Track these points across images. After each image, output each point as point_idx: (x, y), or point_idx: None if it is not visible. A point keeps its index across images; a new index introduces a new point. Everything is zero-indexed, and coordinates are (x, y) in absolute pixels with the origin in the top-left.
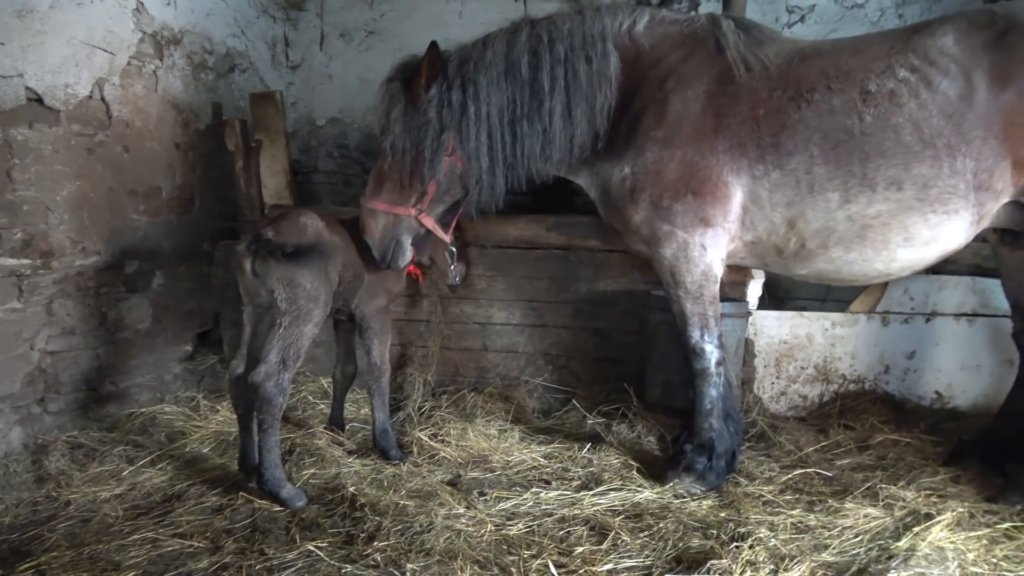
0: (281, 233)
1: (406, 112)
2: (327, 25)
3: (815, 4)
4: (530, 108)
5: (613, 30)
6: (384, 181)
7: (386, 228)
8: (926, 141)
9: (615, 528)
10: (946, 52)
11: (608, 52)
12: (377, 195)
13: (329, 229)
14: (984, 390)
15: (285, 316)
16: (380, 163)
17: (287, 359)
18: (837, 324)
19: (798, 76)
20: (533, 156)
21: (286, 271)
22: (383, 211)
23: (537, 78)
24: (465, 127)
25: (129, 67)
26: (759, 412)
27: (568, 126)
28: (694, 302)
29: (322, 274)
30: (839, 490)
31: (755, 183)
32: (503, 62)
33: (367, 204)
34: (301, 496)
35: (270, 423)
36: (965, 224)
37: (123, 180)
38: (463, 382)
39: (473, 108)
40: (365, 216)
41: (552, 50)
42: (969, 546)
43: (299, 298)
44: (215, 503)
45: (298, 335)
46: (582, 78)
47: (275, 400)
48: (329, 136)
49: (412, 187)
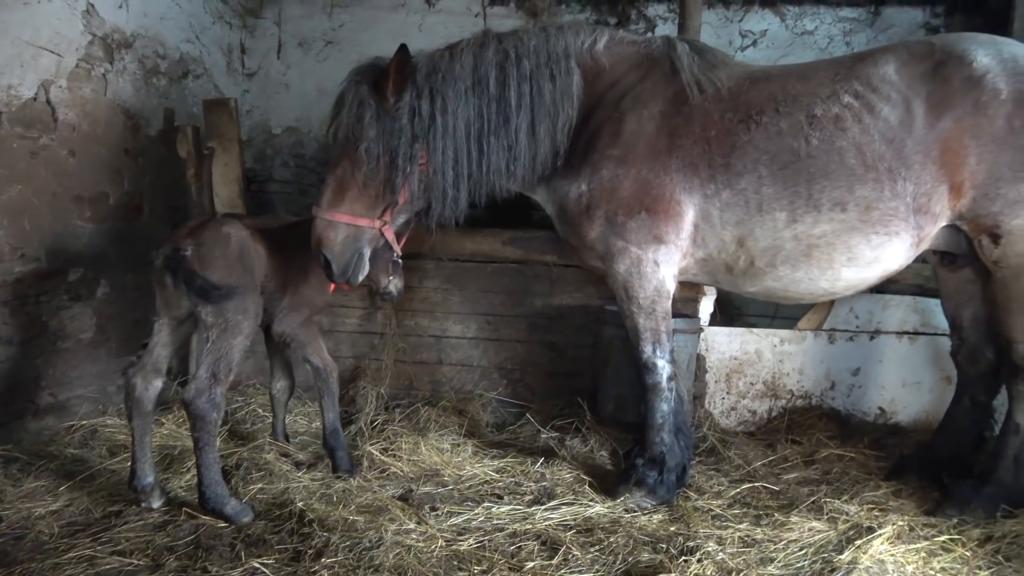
0: (202, 245)
1: (379, 116)
2: (285, 34)
3: (767, 29)
4: (496, 124)
5: (576, 48)
6: (346, 190)
7: (347, 241)
8: (869, 164)
9: (566, 543)
10: (888, 80)
11: (572, 70)
12: (338, 205)
13: (253, 238)
14: (924, 406)
15: (212, 330)
16: (340, 171)
17: (218, 373)
18: (785, 341)
19: (748, 99)
20: (498, 172)
21: (211, 284)
22: (345, 223)
23: (504, 94)
24: (433, 138)
25: (77, 70)
26: (710, 427)
27: (532, 144)
28: (647, 317)
29: (251, 282)
30: (786, 504)
31: (706, 202)
32: (471, 76)
33: (326, 215)
34: (247, 511)
35: (206, 440)
36: (905, 245)
37: (68, 185)
38: (417, 395)
39: (441, 120)
40: (323, 228)
41: (519, 66)
42: (908, 558)
43: (226, 311)
44: (157, 519)
45: (228, 348)
46: (546, 95)
47: (208, 416)
48: (285, 145)
49: (381, 197)
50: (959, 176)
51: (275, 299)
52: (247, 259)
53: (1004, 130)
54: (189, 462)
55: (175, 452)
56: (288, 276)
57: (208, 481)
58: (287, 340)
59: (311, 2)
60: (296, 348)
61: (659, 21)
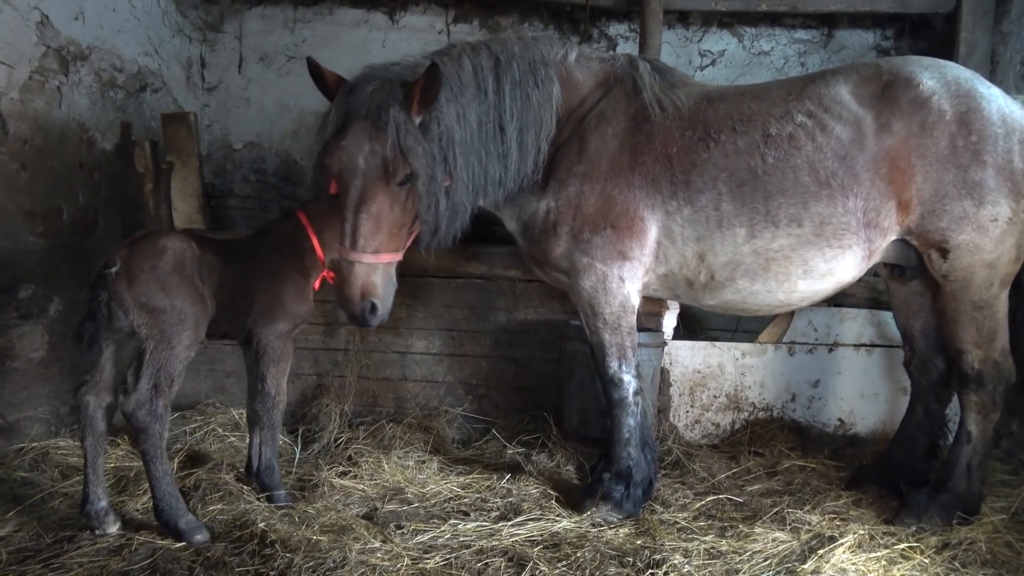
0: (132, 259)
1: (423, 144)
2: (246, 48)
3: (725, 49)
4: (493, 132)
5: (552, 58)
6: (383, 227)
7: (386, 281)
8: (822, 181)
9: (533, 559)
10: (839, 100)
11: (552, 78)
12: (379, 246)
13: (201, 248)
14: (882, 417)
15: (149, 341)
16: (375, 207)
17: (159, 385)
18: (747, 354)
19: (706, 118)
20: (494, 184)
21: (141, 297)
22: (386, 263)
23: (500, 102)
24: (454, 154)
25: (31, 82)
26: (674, 440)
27: (520, 154)
28: (612, 333)
29: (188, 295)
30: (749, 515)
31: (668, 218)
32: (473, 83)
33: (368, 259)
34: (201, 529)
35: (152, 452)
36: (857, 259)
37: (18, 200)
38: (381, 412)
39: (459, 133)
40: (366, 275)
41: (509, 71)
42: (869, 567)
43: (161, 323)
44: (112, 544)
45: (167, 359)
46: (533, 102)
47: (151, 428)
48: (246, 160)
49: (411, 227)
50: (906, 193)
51: (238, 307)
52: (186, 271)
53: (948, 149)
54: (144, 484)
55: (131, 474)
56: (256, 284)
57: (160, 493)
58: (261, 350)
59: (273, 17)
60: (264, 362)
61: (620, 40)
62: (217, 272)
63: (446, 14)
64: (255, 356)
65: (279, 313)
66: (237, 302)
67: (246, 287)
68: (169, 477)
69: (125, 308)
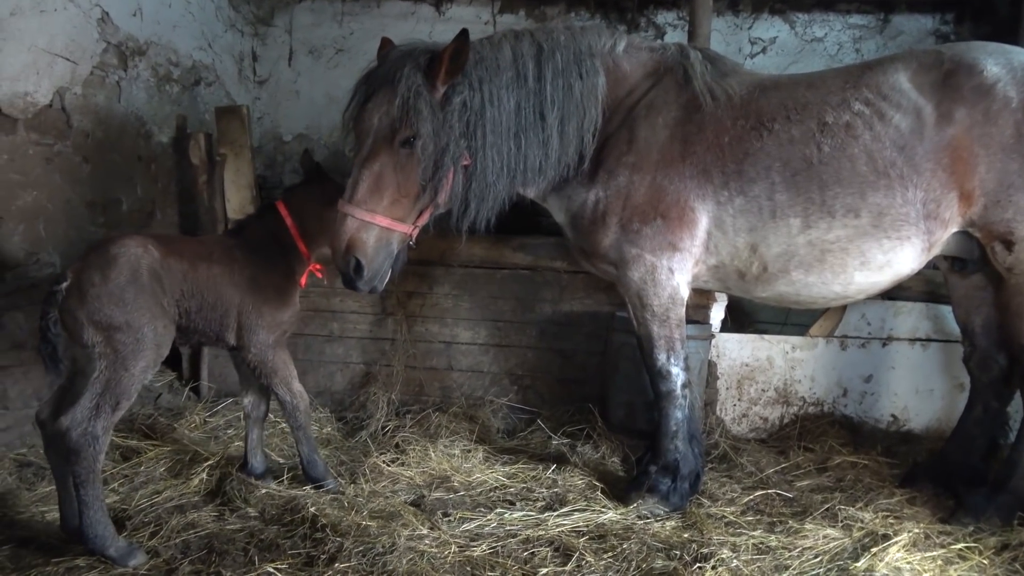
0: (86, 270)
1: (433, 110)
2: (296, 41)
3: (776, 37)
4: (533, 119)
5: (599, 48)
6: (384, 189)
7: (379, 245)
8: (880, 171)
9: (579, 549)
10: (898, 88)
11: (597, 69)
12: (374, 205)
13: (163, 253)
14: (937, 413)
15: (101, 360)
16: (378, 166)
17: (102, 406)
18: (797, 347)
19: (759, 107)
20: (533, 170)
21: (92, 314)
22: (381, 226)
23: (541, 89)
24: (480, 134)
25: (92, 77)
26: (721, 434)
27: (562, 142)
28: (661, 325)
29: (146, 308)
30: (799, 511)
31: (719, 208)
32: (511, 68)
33: (361, 215)
34: (135, 553)
35: (84, 476)
36: (916, 251)
37: (81, 191)
38: (427, 401)
39: (490, 113)
40: (355, 229)
41: (552, 60)
42: (925, 566)
43: (116, 341)
44: (166, 523)
45: (119, 379)
46: (576, 92)
47: (84, 451)
48: (295, 152)
49: (420, 199)
50: (969, 183)
51: (209, 316)
52: (143, 280)
53: (1014, 138)
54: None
55: (187, 458)
56: (230, 291)
57: (89, 520)
58: (253, 365)
59: (321, 10)
60: (265, 376)
61: (668, 28)
62: (184, 279)
63: (492, 5)
64: (253, 372)
65: (258, 324)
66: (208, 312)
67: (218, 294)
68: (99, 503)
69: (77, 327)
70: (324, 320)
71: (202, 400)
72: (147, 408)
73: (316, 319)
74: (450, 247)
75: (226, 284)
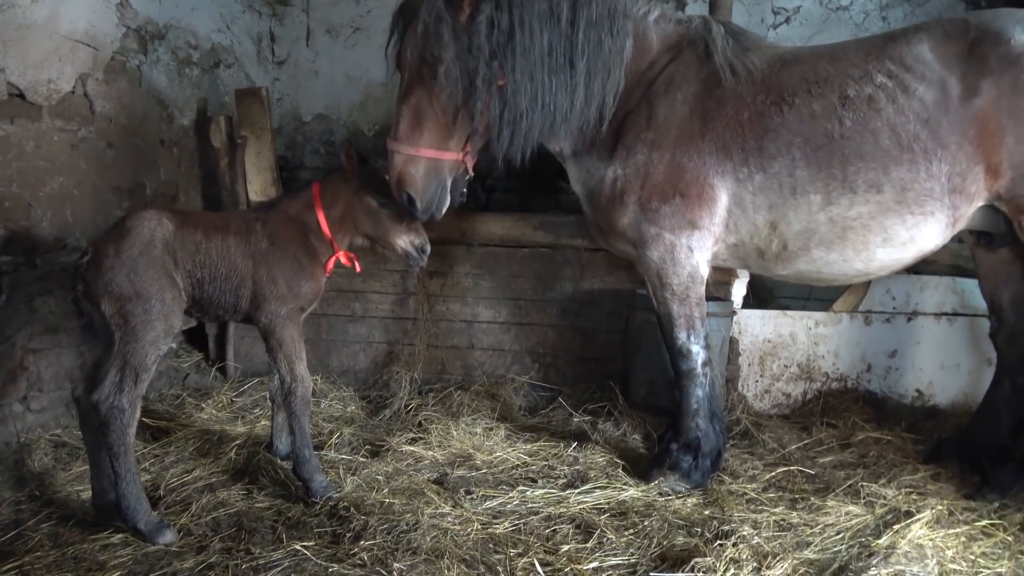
0: (103, 243)
1: (456, 33)
2: (313, 21)
3: (800, 6)
4: (563, 64)
5: (633, 13)
6: (424, 121)
7: (429, 176)
8: (904, 145)
9: (600, 526)
10: (922, 60)
11: (628, 32)
12: (417, 138)
13: (178, 226)
14: (963, 388)
15: (117, 332)
16: (415, 99)
17: (124, 380)
18: (820, 323)
19: (780, 81)
20: (561, 114)
21: (107, 284)
22: (427, 158)
23: (573, 35)
24: (512, 55)
25: (113, 62)
26: (743, 410)
27: (588, 96)
28: (680, 304)
29: (155, 280)
30: (821, 488)
31: (739, 186)
32: (546, 3)
33: (406, 150)
34: (163, 531)
35: (115, 449)
36: (941, 226)
37: (107, 176)
38: (449, 380)
39: (520, 36)
40: (403, 164)
41: (588, 7)
42: (948, 543)
43: (126, 312)
44: (203, 501)
45: (132, 351)
46: (605, 49)
47: (112, 424)
48: (315, 132)
49: (460, 125)
50: (996, 156)
51: (223, 287)
52: (155, 253)
53: None
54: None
55: (214, 439)
56: (246, 263)
57: (122, 491)
58: (264, 335)
59: None
60: (271, 349)
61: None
62: (197, 252)
63: None
64: (265, 341)
65: (272, 293)
66: (222, 282)
67: (232, 264)
68: (132, 475)
69: (96, 298)
70: (347, 300)
71: (228, 380)
72: (175, 388)
73: (339, 299)
74: (470, 226)
75: (240, 254)
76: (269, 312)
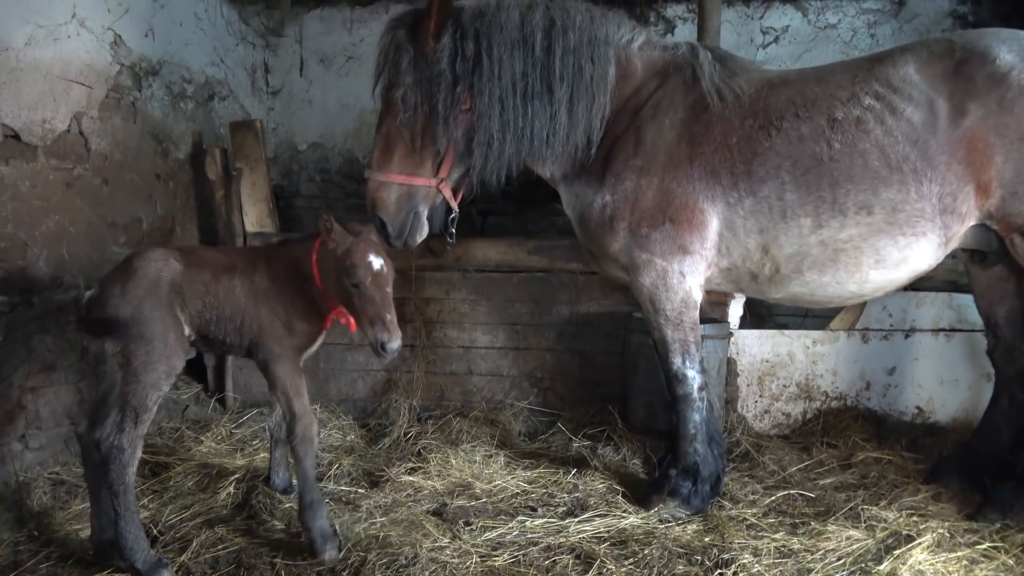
0: (108, 281)
1: (416, 62)
2: (306, 51)
3: (789, 25)
4: (540, 89)
5: (615, 40)
6: (394, 147)
7: (400, 200)
8: (893, 166)
9: (600, 556)
10: (909, 80)
11: (610, 59)
12: (387, 164)
13: (185, 265)
14: (963, 404)
15: (119, 372)
16: (385, 127)
17: (126, 418)
18: (818, 342)
19: (768, 105)
20: (540, 139)
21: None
22: (398, 183)
23: (549, 62)
24: (478, 80)
25: (107, 99)
26: (743, 431)
27: (570, 120)
28: (675, 329)
29: (159, 321)
30: (822, 511)
31: (729, 210)
32: (517, 32)
33: (377, 176)
34: (162, 570)
35: (115, 488)
36: (933, 246)
37: (102, 213)
38: (448, 406)
39: (487, 62)
40: (374, 190)
41: (564, 37)
42: (949, 568)
43: (129, 352)
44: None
45: (135, 392)
46: (586, 75)
47: (112, 463)
48: (310, 160)
49: (427, 150)
50: (986, 175)
51: (226, 327)
52: (160, 292)
53: None
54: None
55: (214, 472)
56: (249, 303)
57: (121, 529)
58: (262, 370)
59: (331, 18)
60: (271, 386)
61: (678, 22)
62: (207, 293)
63: None
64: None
65: (270, 331)
66: (227, 322)
67: (236, 305)
68: (131, 513)
69: (100, 337)
70: (344, 328)
71: (228, 411)
72: (174, 421)
73: (336, 327)
74: (465, 252)
75: (244, 294)
76: (266, 349)
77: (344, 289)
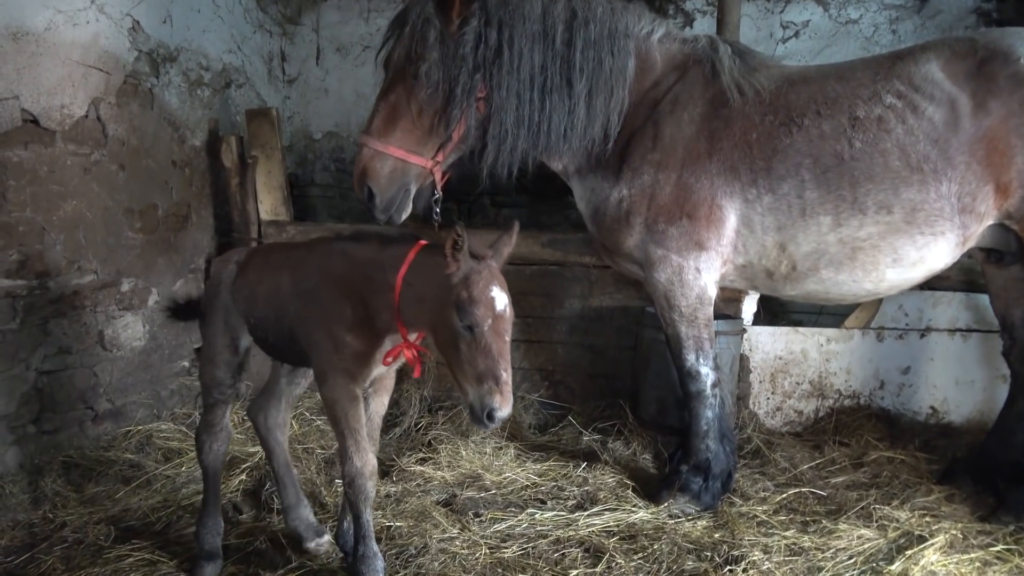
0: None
1: (443, 39)
2: (323, 40)
3: (809, 20)
4: (559, 83)
5: (635, 32)
6: (398, 120)
7: (394, 175)
8: (913, 166)
9: (609, 550)
10: (931, 79)
11: (630, 51)
12: (388, 136)
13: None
14: (978, 405)
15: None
16: (394, 97)
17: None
18: (832, 340)
19: (788, 102)
20: (557, 134)
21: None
22: (395, 157)
23: (570, 55)
24: (496, 71)
25: (125, 86)
26: (754, 428)
27: (588, 115)
28: (689, 325)
29: (213, 324)
30: (833, 510)
31: (747, 207)
32: (539, 23)
33: (375, 144)
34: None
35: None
36: (951, 245)
37: (119, 198)
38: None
39: (508, 54)
40: (369, 158)
41: (585, 29)
42: (961, 569)
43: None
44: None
45: (203, 386)
46: (606, 69)
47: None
48: (325, 150)
49: (435, 132)
50: (1006, 176)
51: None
52: (217, 300)
53: None
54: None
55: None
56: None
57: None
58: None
59: (348, 7)
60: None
61: (697, 15)
62: (251, 295)
63: None
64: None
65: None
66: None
67: (279, 308)
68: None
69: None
70: None
71: (240, 399)
72: (187, 407)
73: None
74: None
75: (288, 296)
76: (313, 364)
77: (447, 327)
